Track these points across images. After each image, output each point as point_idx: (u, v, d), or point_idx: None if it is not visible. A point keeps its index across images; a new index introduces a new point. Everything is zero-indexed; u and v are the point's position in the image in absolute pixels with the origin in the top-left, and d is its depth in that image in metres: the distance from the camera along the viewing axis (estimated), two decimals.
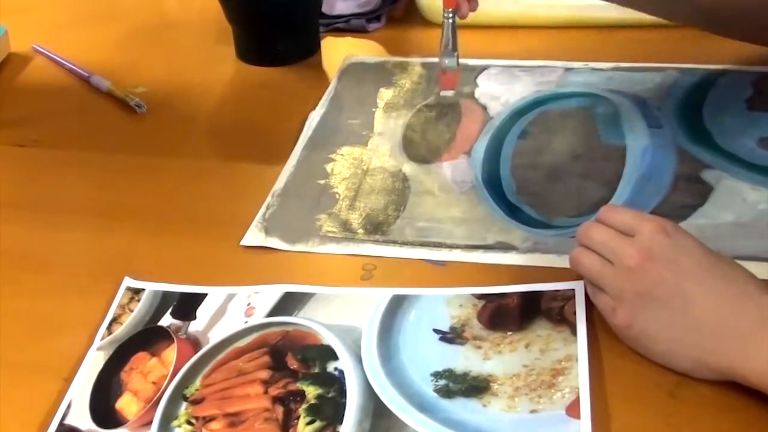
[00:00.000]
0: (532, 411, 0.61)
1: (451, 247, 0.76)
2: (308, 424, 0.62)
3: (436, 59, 1.02)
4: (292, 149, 0.90)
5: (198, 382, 0.66)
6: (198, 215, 0.83)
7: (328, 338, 0.68)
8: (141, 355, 0.69)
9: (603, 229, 0.67)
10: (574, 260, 0.68)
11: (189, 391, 0.66)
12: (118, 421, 0.65)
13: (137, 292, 0.74)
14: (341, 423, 0.61)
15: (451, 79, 0.94)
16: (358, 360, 0.66)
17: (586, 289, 0.68)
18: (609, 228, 0.66)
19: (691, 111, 0.89)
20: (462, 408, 0.62)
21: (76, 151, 0.94)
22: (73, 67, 1.07)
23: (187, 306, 0.73)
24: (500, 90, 0.96)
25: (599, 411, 0.60)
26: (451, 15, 0.90)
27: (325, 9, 1.11)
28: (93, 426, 0.64)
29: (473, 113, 0.93)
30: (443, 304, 0.70)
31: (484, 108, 0.94)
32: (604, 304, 0.65)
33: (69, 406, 0.65)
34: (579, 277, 0.68)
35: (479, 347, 0.66)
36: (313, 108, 0.96)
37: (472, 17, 0.91)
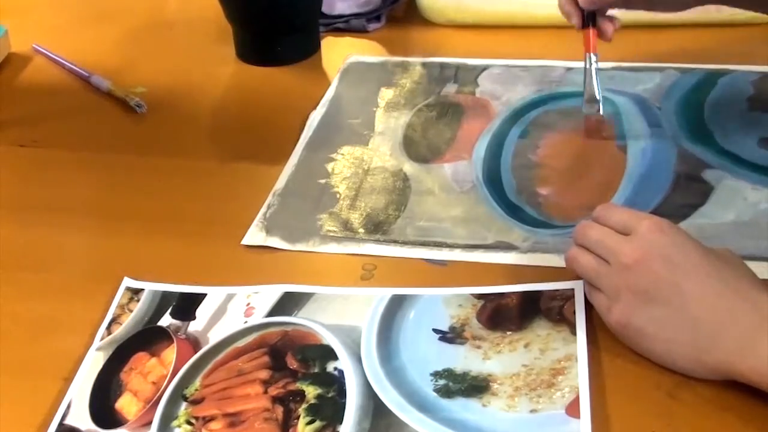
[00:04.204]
0: (532, 411, 0.61)
1: (451, 246, 0.76)
2: (308, 423, 0.62)
3: (436, 59, 1.03)
4: (292, 149, 0.90)
5: (198, 382, 0.66)
6: (198, 215, 0.83)
7: (328, 338, 0.67)
8: (140, 356, 0.69)
9: (599, 228, 0.66)
10: (571, 259, 0.68)
11: (189, 391, 0.66)
12: (118, 422, 0.64)
13: (137, 292, 0.74)
14: (341, 423, 0.61)
15: (595, 126, 0.88)
16: (358, 360, 0.66)
17: (584, 289, 0.68)
18: (605, 227, 0.66)
19: (691, 110, 0.89)
20: (462, 408, 0.62)
21: (76, 151, 0.94)
22: (73, 67, 1.07)
23: (186, 306, 0.72)
24: (501, 90, 0.96)
25: (599, 410, 0.60)
26: (594, 60, 0.85)
27: (325, 9, 1.11)
28: (93, 426, 0.64)
29: (474, 113, 0.93)
30: (443, 304, 0.70)
31: (485, 107, 0.94)
32: (601, 303, 0.65)
33: (69, 407, 0.65)
34: (578, 277, 0.68)
35: (479, 347, 0.66)
36: (314, 108, 0.96)
37: (472, 17, 0.91)
